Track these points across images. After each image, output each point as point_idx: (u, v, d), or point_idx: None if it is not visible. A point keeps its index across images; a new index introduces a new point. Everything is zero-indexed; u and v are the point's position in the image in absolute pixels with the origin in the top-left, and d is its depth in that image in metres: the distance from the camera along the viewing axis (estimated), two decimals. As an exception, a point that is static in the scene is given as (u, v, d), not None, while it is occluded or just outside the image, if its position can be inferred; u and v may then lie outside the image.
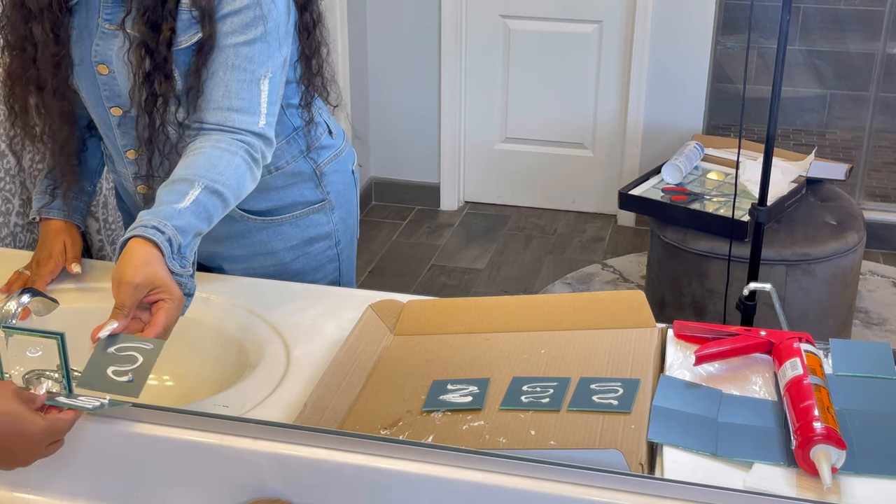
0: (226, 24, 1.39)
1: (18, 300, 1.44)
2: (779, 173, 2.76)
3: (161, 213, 1.28)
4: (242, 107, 1.40)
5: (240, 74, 1.40)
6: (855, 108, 4.28)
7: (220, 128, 1.39)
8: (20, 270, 1.56)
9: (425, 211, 4.03)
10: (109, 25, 1.43)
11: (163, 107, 1.43)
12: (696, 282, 2.76)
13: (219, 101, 1.39)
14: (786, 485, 1.07)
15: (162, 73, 1.40)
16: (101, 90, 1.48)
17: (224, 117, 1.39)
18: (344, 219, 1.71)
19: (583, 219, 3.97)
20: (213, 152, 1.36)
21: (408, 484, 1.11)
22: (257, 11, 1.39)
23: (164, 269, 1.24)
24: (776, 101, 2.15)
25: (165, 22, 1.38)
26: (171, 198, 1.30)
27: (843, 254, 2.71)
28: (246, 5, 1.39)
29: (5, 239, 1.81)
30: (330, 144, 1.67)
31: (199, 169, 1.34)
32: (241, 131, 1.39)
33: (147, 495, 1.19)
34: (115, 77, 1.45)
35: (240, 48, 1.39)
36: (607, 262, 3.62)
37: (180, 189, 1.31)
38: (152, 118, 1.43)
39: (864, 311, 3.22)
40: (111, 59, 1.44)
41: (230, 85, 1.39)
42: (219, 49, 1.39)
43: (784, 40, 2.08)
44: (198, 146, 1.38)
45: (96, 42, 1.45)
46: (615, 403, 1.19)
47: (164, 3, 1.38)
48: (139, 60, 1.40)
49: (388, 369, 1.35)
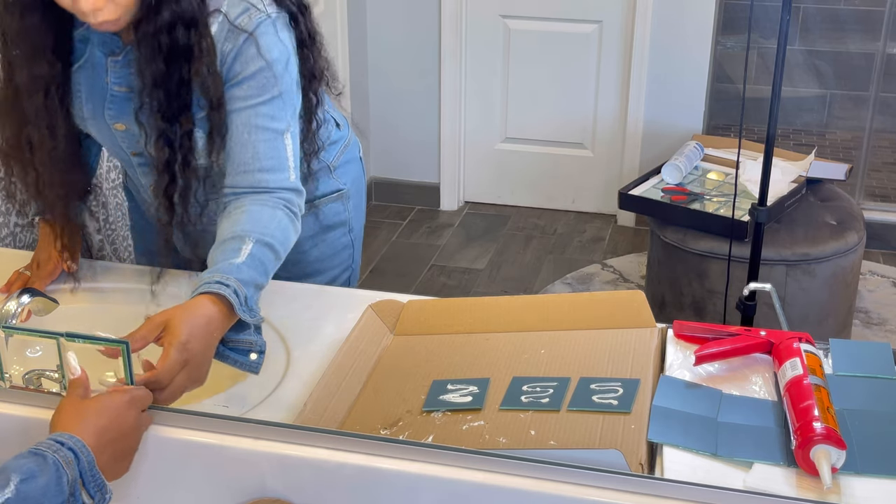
0: (241, 88, 1.39)
1: (18, 300, 1.45)
2: (779, 173, 2.76)
3: (220, 269, 1.29)
4: (272, 166, 1.40)
5: (263, 134, 1.40)
6: (855, 108, 4.28)
7: (253, 190, 1.40)
8: (20, 271, 1.56)
9: (425, 211, 4.03)
10: (119, 88, 1.43)
11: (185, 190, 1.43)
12: (696, 282, 2.76)
13: (248, 164, 1.40)
14: (786, 485, 1.07)
15: (185, 161, 1.41)
16: (119, 141, 1.49)
17: (256, 180, 1.40)
18: (357, 206, 1.75)
19: (583, 219, 3.97)
20: (255, 208, 1.38)
21: (408, 484, 1.11)
22: (269, 73, 1.39)
23: (197, 321, 1.22)
24: (776, 101, 2.15)
25: (183, 115, 1.39)
26: (226, 255, 1.32)
27: (843, 254, 2.71)
28: (259, 69, 1.38)
29: (5, 239, 1.81)
30: (339, 138, 1.70)
31: (247, 225, 1.35)
32: (275, 190, 1.40)
33: (147, 495, 1.19)
34: (134, 132, 1.45)
35: (259, 108, 1.39)
36: (607, 262, 3.62)
37: (233, 246, 1.32)
38: (172, 203, 1.43)
39: (864, 311, 3.22)
40: (129, 120, 1.44)
41: (256, 146, 1.40)
42: (237, 112, 1.39)
43: (784, 40, 2.08)
44: (238, 205, 1.38)
45: (108, 105, 1.45)
46: (615, 403, 1.19)
47: (178, 98, 1.37)
48: (159, 151, 1.40)
49: (388, 369, 1.35)
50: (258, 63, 1.38)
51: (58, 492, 0.98)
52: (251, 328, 1.30)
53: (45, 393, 1.22)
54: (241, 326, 1.30)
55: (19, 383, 1.24)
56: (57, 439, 1.03)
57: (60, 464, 1.00)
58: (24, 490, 0.96)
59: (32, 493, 0.96)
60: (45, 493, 0.97)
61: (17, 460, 0.99)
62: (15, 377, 1.24)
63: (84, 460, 1.02)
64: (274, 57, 1.39)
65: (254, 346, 1.30)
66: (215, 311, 1.25)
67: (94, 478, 1.03)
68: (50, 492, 0.97)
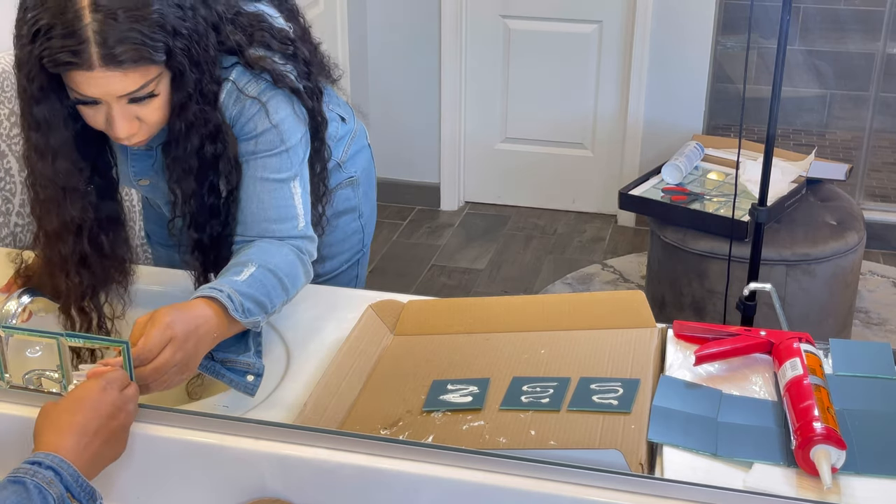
0: (249, 144, 1.40)
1: (18, 300, 1.45)
2: (779, 173, 2.75)
3: (217, 283, 1.30)
4: (280, 216, 1.41)
5: (270, 185, 1.41)
6: (855, 108, 4.28)
7: (262, 238, 1.41)
8: (21, 270, 1.56)
9: (425, 211, 4.03)
10: (140, 147, 1.44)
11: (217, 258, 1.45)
12: (696, 282, 2.76)
13: (255, 215, 1.41)
14: (786, 485, 1.07)
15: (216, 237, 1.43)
16: (144, 192, 1.54)
17: (264, 229, 1.41)
18: (367, 192, 1.78)
19: (583, 219, 3.96)
20: (262, 245, 1.39)
21: (408, 484, 1.11)
22: (276, 132, 1.40)
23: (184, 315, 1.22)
24: (776, 101, 2.14)
25: (214, 217, 1.41)
26: (227, 275, 1.33)
27: (843, 254, 2.71)
28: (266, 129, 1.40)
29: (5, 239, 1.81)
30: (345, 132, 1.72)
31: (251, 255, 1.36)
32: (284, 238, 1.41)
33: (147, 495, 1.19)
34: (158, 186, 1.48)
35: (266, 161, 1.41)
36: (607, 262, 3.62)
37: (235, 270, 1.33)
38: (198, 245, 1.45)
39: (864, 311, 3.22)
40: (153, 175, 1.48)
41: (262, 197, 1.41)
42: (244, 164, 1.41)
43: (784, 40, 2.08)
44: (247, 245, 1.40)
45: (131, 164, 1.47)
46: (615, 403, 1.19)
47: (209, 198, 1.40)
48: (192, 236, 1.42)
49: (388, 369, 1.35)
50: (265, 124, 1.39)
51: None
52: (251, 351, 1.30)
53: (45, 393, 1.22)
54: (242, 348, 1.30)
55: (19, 383, 1.24)
56: (34, 461, 1.02)
57: (42, 486, 0.99)
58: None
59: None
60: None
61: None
62: (15, 377, 1.24)
63: (66, 474, 1.02)
64: (281, 117, 1.40)
65: (251, 369, 1.29)
66: (208, 311, 1.25)
67: (81, 487, 1.02)
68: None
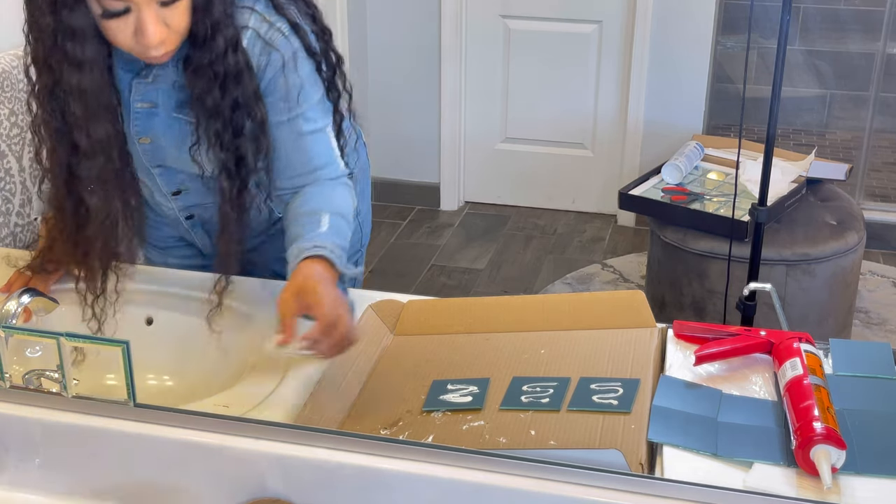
0: (286, 100, 1.44)
1: (18, 300, 1.45)
2: (779, 173, 2.75)
3: (310, 238, 1.37)
4: (323, 163, 1.48)
5: (311, 137, 1.47)
6: (855, 108, 4.28)
7: (311, 185, 1.47)
8: (21, 270, 1.56)
9: (425, 211, 4.03)
10: (142, 104, 1.45)
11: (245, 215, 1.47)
12: (696, 282, 2.76)
13: (303, 167, 1.47)
14: (786, 485, 1.07)
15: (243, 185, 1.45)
16: (142, 154, 1.51)
17: (313, 178, 1.47)
18: (363, 191, 1.78)
19: (583, 219, 3.96)
20: (318, 190, 1.45)
21: (408, 484, 1.11)
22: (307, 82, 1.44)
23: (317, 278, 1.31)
24: (776, 101, 2.14)
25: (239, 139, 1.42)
26: (308, 227, 1.39)
27: (843, 254, 2.71)
28: (295, 81, 1.43)
29: (5, 239, 1.81)
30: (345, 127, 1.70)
31: (318, 202, 1.43)
32: (330, 180, 1.48)
33: (147, 495, 1.19)
34: (161, 146, 1.48)
35: (306, 114, 1.45)
36: (607, 262, 3.62)
37: (311, 220, 1.40)
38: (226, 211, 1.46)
39: (864, 311, 3.22)
40: (156, 133, 1.47)
41: (307, 150, 1.47)
42: (284, 123, 1.45)
43: (784, 40, 2.08)
44: (302, 192, 1.46)
45: (134, 121, 1.47)
46: (615, 403, 1.19)
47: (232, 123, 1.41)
48: (220, 182, 1.44)
49: (388, 369, 1.35)
50: (298, 73, 1.43)
51: None
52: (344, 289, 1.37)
53: (45, 393, 1.22)
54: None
55: (19, 383, 1.24)
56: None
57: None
58: None
59: None
60: None
61: None
62: (15, 377, 1.24)
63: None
64: (308, 71, 1.45)
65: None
66: (322, 268, 1.33)
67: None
68: None
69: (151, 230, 1.73)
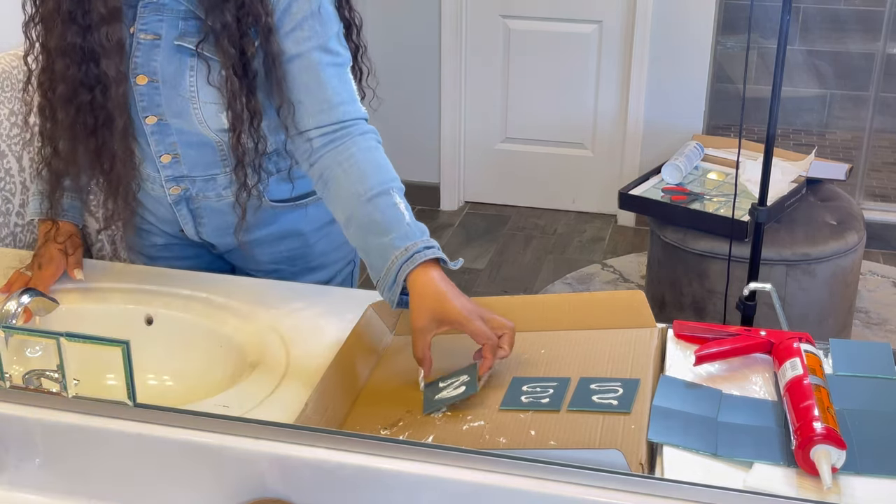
0: (303, 30, 1.42)
1: (18, 300, 1.45)
2: (779, 173, 2.76)
3: (407, 234, 1.35)
4: (346, 98, 1.45)
5: (335, 70, 1.44)
6: (855, 108, 4.28)
7: (341, 125, 1.43)
8: (20, 271, 1.56)
9: (425, 211, 4.03)
10: (146, 35, 1.44)
11: (256, 126, 1.45)
12: (696, 282, 2.76)
13: (329, 100, 1.43)
14: (786, 485, 1.07)
15: (252, 94, 1.43)
16: (137, 101, 1.48)
17: (341, 113, 1.43)
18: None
19: (583, 219, 3.97)
20: (366, 157, 1.43)
21: (408, 484, 1.11)
22: (324, 12, 1.44)
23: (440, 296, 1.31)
24: (776, 101, 2.15)
25: (245, 39, 1.40)
26: (392, 215, 1.37)
27: (843, 254, 2.71)
28: (313, 10, 1.42)
29: (5, 239, 1.81)
30: None
31: (377, 177, 1.41)
32: (357, 121, 1.45)
33: (147, 495, 1.19)
34: (158, 87, 1.46)
35: (326, 45, 1.44)
36: (607, 262, 3.62)
37: (387, 202, 1.39)
38: (242, 141, 1.45)
39: (864, 311, 3.22)
40: (154, 69, 1.45)
41: (332, 82, 1.44)
42: (307, 53, 1.42)
43: (784, 40, 2.08)
44: (346, 155, 1.42)
45: (134, 54, 1.44)
46: (615, 403, 1.19)
47: (238, 23, 1.39)
48: (226, 84, 1.41)
49: (388, 369, 1.35)
50: (312, 3, 1.42)
51: None
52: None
53: (45, 393, 1.22)
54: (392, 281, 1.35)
55: (19, 383, 1.24)
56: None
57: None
58: None
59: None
60: None
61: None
62: (15, 377, 1.24)
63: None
64: (324, 3, 1.44)
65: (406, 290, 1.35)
66: (438, 274, 1.33)
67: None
68: None
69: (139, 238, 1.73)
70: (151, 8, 1.43)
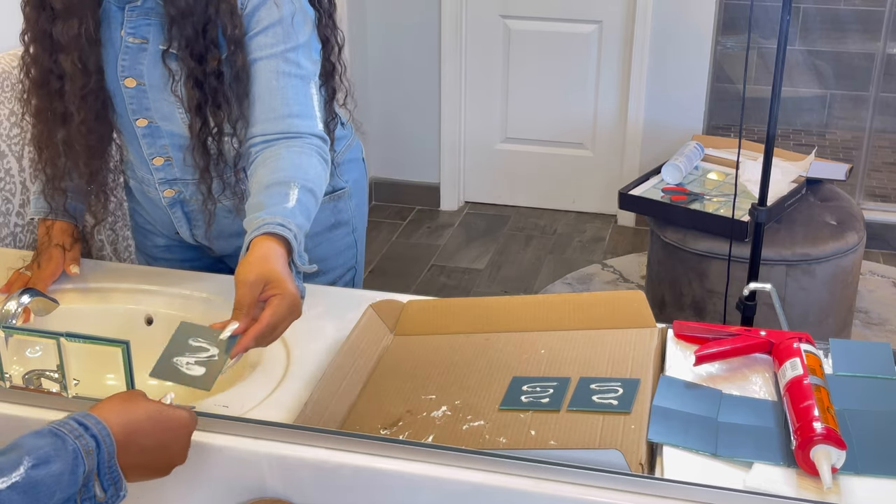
0: (267, 36, 1.40)
1: (18, 300, 1.45)
2: (779, 173, 2.75)
3: (277, 212, 1.28)
4: (301, 112, 1.41)
5: (292, 80, 1.41)
6: (855, 108, 4.28)
7: (285, 135, 1.40)
8: (20, 271, 1.56)
9: (425, 211, 4.03)
10: (133, 39, 1.44)
11: (217, 136, 1.44)
12: (696, 282, 2.76)
13: (278, 110, 1.40)
14: (786, 485, 1.07)
15: (214, 104, 1.41)
16: (127, 103, 1.48)
17: (287, 125, 1.40)
18: (359, 206, 1.75)
19: (583, 219, 3.96)
20: (291, 156, 1.37)
21: (408, 484, 1.11)
22: (292, 22, 1.41)
23: (281, 264, 1.24)
24: (776, 101, 2.14)
25: (210, 53, 1.39)
26: (276, 199, 1.31)
27: (843, 254, 2.71)
28: (282, 17, 1.40)
29: (5, 239, 1.81)
30: (342, 135, 1.71)
31: (288, 171, 1.35)
32: (305, 135, 1.40)
33: (147, 495, 1.19)
34: (145, 90, 1.46)
35: (287, 54, 1.41)
36: (607, 262, 3.62)
37: (280, 191, 1.32)
38: (207, 147, 1.44)
39: (864, 311, 3.22)
40: (140, 72, 1.45)
41: (286, 92, 1.41)
42: (265, 59, 1.40)
43: (784, 40, 2.08)
44: (274, 153, 1.38)
45: (122, 57, 1.45)
46: (615, 403, 1.19)
47: (205, 34, 1.38)
48: (190, 92, 1.41)
49: (388, 369, 1.35)
50: (282, 10, 1.40)
51: (71, 482, 0.91)
52: (293, 274, 1.30)
53: (45, 393, 1.22)
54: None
55: (19, 383, 1.24)
56: (82, 422, 0.95)
57: (80, 452, 0.92)
58: (35, 476, 0.88)
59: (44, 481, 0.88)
60: (57, 482, 0.89)
61: (35, 439, 0.91)
62: (15, 377, 1.24)
63: (105, 451, 0.95)
64: (296, 6, 1.42)
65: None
66: (282, 251, 1.25)
67: (110, 471, 0.96)
68: (63, 482, 0.90)
69: (142, 237, 1.73)
70: (139, 12, 1.43)
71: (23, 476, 0.87)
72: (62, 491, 0.90)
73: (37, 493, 0.88)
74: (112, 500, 0.96)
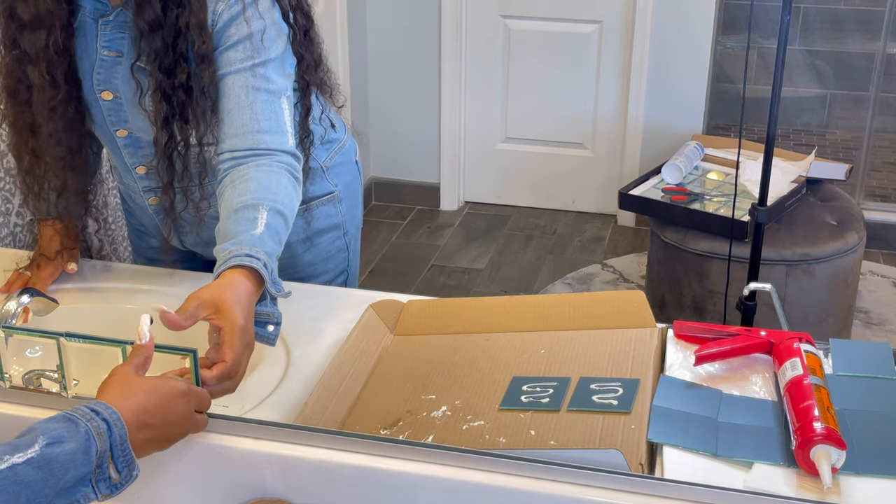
0: (237, 50, 1.38)
1: (18, 300, 1.45)
2: (779, 173, 2.76)
3: (244, 241, 1.26)
4: (270, 128, 1.38)
5: (261, 96, 1.38)
6: (855, 108, 4.28)
7: (253, 152, 1.37)
8: (20, 270, 1.56)
9: (425, 211, 4.04)
10: (108, 52, 1.43)
11: (184, 149, 1.43)
12: (696, 282, 2.76)
13: (247, 125, 1.37)
14: (786, 485, 1.07)
15: (182, 118, 1.40)
16: (105, 115, 1.48)
17: (255, 140, 1.37)
18: (351, 209, 1.72)
19: (583, 219, 3.97)
20: (261, 175, 1.34)
21: (408, 484, 1.11)
22: (263, 36, 1.39)
23: (240, 294, 1.20)
24: (776, 101, 2.15)
25: (178, 66, 1.38)
26: (244, 226, 1.28)
27: (843, 254, 2.71)
28: (254, 31, 1.38)
29: (5, 239, 1.81)
30: (334, 138, 1.68)
31: (256, 193, 1.32)
32: (275, 152, 1.37)
33: (147, 495, 1.19)
34: (122, 103, 1.45)
35: (256, 69, 1.39)
36: (607, 262, 3.62)
37: (248, 216, 1.29)
38: (172, 161, 1.43)
39: (864, 311, 3.22)
40: (116, 86, 1.44)
41: (254, 107, 1.38)
42: (234, 74, 1.38)
43: (784, 40, 2.08)
44: (242, 173, 1.35)
45: (97, 70, 1.44)
46: (615, 403, 1.19)
47: (174, 48, 1.37)
48: (157, 105, 1.39)
49: (388, 369, 1.35)
50: (252, 25, 1.37)
51: (84, 461, 0.95)
52: (268, 299, 1.28)
53: (45, 393, 1.22)
54: (260, 298, 1.27)
55: (19, 383, 1.24)
56: (93, 408, 0.99)
57: (92, 433, 0.96)
58: (50, 453, 0.93)
59: (58, 458, 0.93)
60: (71, 459, 0.94)
61: (48, 423, 0.96)
62: (15, 377, 1.24)
63: (117, 433, 0.99)
64: (268, 22, 1.39)
65: (271, 318, 1.28)
66: (250, 286, 1.23)
67: (123, 452, 1.00)
68: (77, 460, 0.94)
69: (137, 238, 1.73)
70: (113, 25, 1.42)
71: (38, 453, 0.92)
72: (76, 469, 0.95)
73: (51, 469, 0.93)
74: (126, 481, 1.01)
